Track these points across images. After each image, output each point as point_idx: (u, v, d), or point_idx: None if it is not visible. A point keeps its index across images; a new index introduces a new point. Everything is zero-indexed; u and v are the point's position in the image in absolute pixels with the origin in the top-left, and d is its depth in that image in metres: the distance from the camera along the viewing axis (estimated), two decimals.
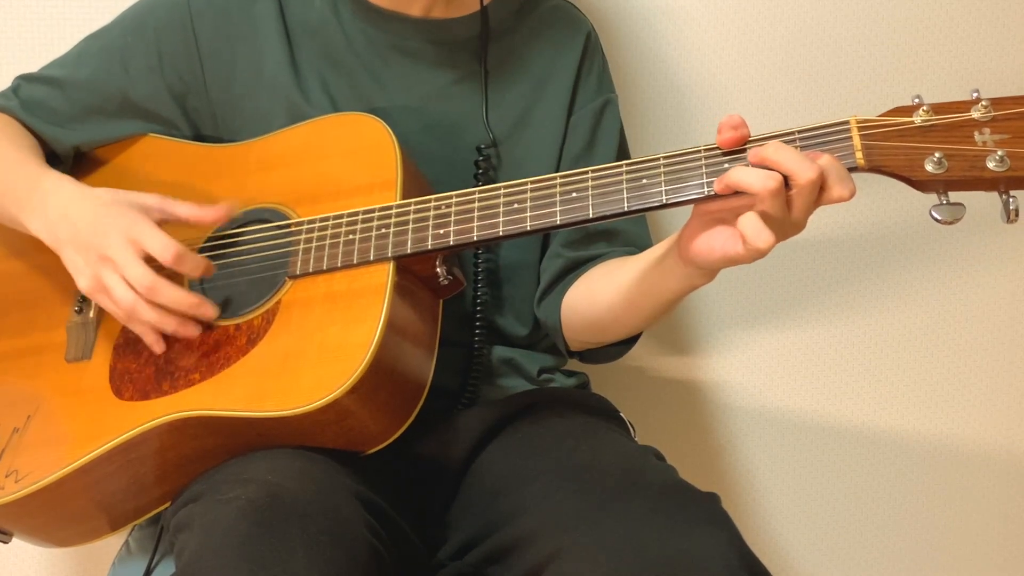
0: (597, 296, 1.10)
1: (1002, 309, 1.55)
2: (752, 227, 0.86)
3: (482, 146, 1.14)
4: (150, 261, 1.00)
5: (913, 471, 1.58)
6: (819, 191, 0.86)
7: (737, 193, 0.88)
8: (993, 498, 1.60)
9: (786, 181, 0.85)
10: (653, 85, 1.44)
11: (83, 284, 1.02)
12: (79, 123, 1.16)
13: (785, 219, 0.87)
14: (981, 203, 0.91)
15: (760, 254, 0.87)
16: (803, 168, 0.84)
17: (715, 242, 0.91)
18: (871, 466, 1.58)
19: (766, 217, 0.86)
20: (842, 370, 1.55)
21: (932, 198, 0.86)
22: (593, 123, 1.18)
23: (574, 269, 1.15)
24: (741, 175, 0.86)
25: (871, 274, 1.52)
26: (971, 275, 1.53)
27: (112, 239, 1.00)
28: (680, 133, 1.45)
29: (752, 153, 0.88)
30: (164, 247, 0.99)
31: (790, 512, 1.59)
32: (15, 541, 1.09)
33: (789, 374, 1.55)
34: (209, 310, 1.01)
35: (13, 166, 1.09)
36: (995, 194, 0.85)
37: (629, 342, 1.15)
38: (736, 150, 0.89)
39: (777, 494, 1.59)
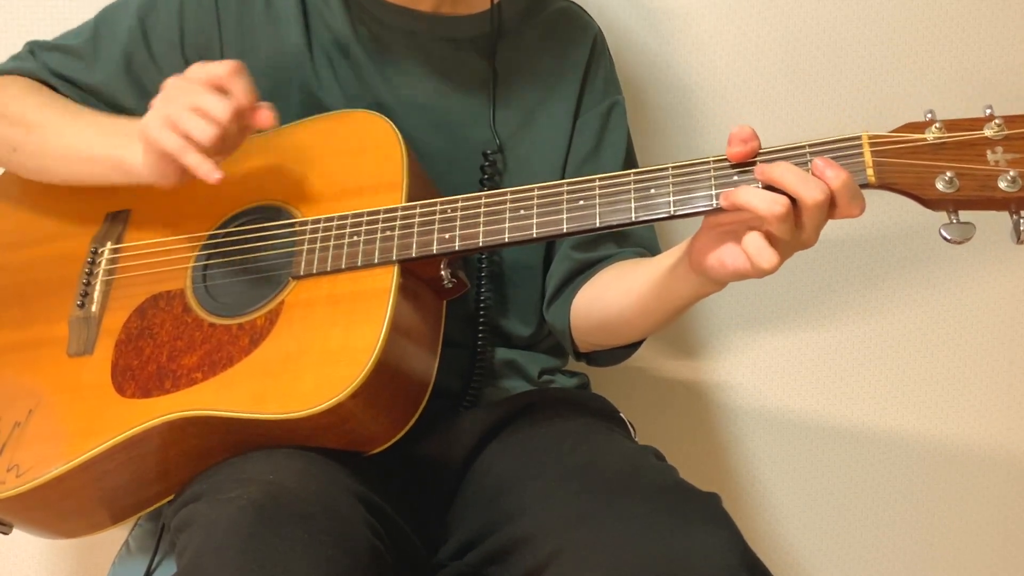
0: (608, 299, 1.09)
1: (1002, 309, 1.54)
2: (755, 247, 0.85)
3: (488, 151, 1.13)
4: None
5: (914, 471, 1.59)
6: (829, 209, 0.85)
7: None
8: (992, 498, 1.60)
9: (793, 201, 0.85)
10: (659, 87, 1.43)
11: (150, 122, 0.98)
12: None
13: (794, 239, 0.86)
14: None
15: (764, 273, 0.87)
16: (810, 191, 0.83)
17: (726, 258, 0.90)
18: (872, 466, 1.58)
19: (772, 238, 0.85)
20: (842, 370, 1.55)
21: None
22: (600, 125, 1.17)
23: (583, 271, 1.14)
24: (748, 196, 0.85)
25: (872, 275, 1.52)
26: (971, 276, 1.53)
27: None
28: (685, 136, 1.45)
29: (759, 171, 0.86)
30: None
31: (791, 512, 1.60)
32: (16, 538, 1.09)
33: (789, 374, 1.55)
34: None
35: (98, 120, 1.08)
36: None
37: (636, 344, 1.14)
38: (746, 163, 0.88)
39: (778, 494, 1.59)
